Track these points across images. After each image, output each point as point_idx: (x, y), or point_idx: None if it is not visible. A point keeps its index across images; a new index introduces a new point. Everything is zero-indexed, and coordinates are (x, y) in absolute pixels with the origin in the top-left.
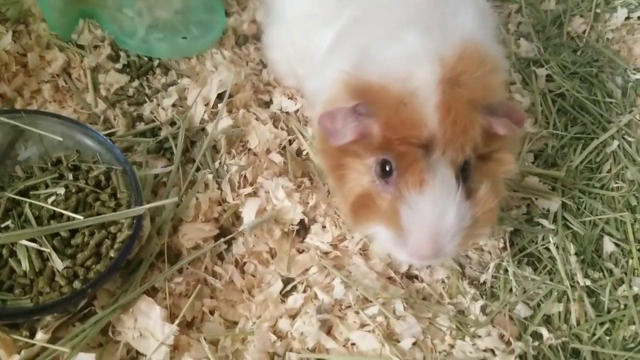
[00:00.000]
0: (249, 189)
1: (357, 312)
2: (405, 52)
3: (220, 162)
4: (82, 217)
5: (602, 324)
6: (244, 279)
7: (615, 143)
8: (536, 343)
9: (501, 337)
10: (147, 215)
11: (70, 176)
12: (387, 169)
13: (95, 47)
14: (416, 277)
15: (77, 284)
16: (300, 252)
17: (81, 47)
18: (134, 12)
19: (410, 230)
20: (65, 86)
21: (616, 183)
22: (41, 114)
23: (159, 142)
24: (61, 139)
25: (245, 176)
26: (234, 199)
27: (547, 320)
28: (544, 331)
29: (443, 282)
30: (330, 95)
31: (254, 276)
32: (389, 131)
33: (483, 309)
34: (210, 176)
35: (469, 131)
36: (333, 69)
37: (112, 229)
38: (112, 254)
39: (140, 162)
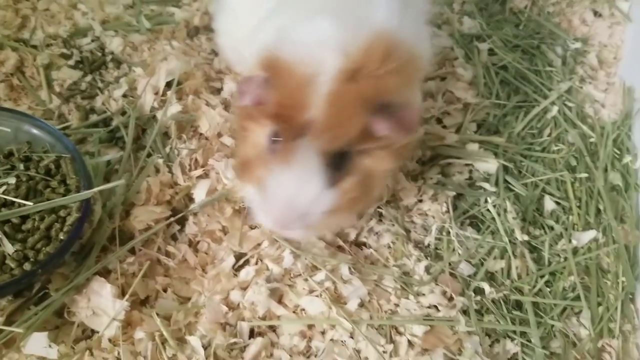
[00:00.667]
0: (199, 171)
1: (305, 280)
2: (316, 38)
3: (171, 147)
4: (31, 204)
5: (542, 277)
6: (197, 257)
7: (555, 109)
8: (478, 298)
9: (444, 294)
10: (99, 200)
11: (22, 166)
12: (275, 140)
13: (48, 45)
14: (364, 244)
15: (27, 266)
16: (252, 228)
17: (34, 46)
18: None
19: (269, 198)
20: (19, 84)
21: (556, 146)
22: None
23: (110, 131)
24: (9, 130)
25: (196, 159)
26: (185, 182)
27: (490, 277)
28: (485, 286)
29: (389, 246)
30: (251, 66)
31: (207, 254)
32: (278, 106)
33: (427, 269)
34: (161, 160)
35: (346, 126)
36: (258, 44)
37: (62, 212)
38: (61, 236)
39: (93, 152)
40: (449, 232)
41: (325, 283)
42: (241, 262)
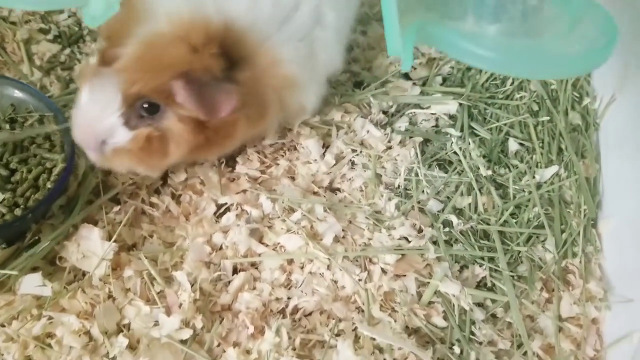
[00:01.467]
0: None
1: (283, 220)
2: None
3: None
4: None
5: (507, 210)
6: (180, 208)
7: None
8: (447, 229)
9: (414, 226)
10: (82, 155)
11: (7, 127)
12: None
13: (27, 22)
14: (338, 189)
15: (17, 211)
16: (231, 180)
17: (13, 23)
18: None
19: (75, 112)
20: (1, 60)
21: (519, 94)
22: None
23: None
24: None
25: None
26: None
27: (459, 213)
28: (453, 218)
29: (361, 190)
30: None
31: (189, 204)
32: (113, 22)
33: (397, 206)
34: None
35: (147, 75)
36: None
37: (48, 164)
38: (49, 185)
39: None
40: (417, 174)
41: (302, 222)
42: (222, 210)
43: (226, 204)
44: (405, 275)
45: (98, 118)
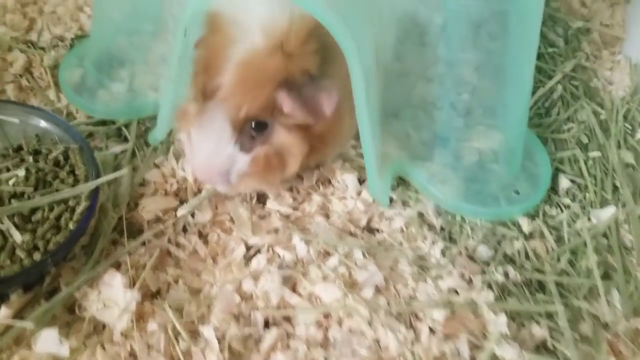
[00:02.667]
0: None
1: (318, 266)
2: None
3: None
4: (39, 195)
5: (563, 256)
6: (207, 248)
7: (560, 88)
8: (499, 279)
9: (462, 276)
10: (106, 191)
11: (31, 159)
12: (205, 90)
13: (55, 46)
14: (376, 229)
15: (37, 256)
16: (262, 218)
17: (42, 48)
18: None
19: (192, 152)
20: (28, 85)
21: (566, 125)
22: (2, 102)
23: (118, 128)
24: (17, 121)
25: None
26: (193, 174)
27: (510, 260)
28: (508, 268)
29: (402, 231)
30: None
31: (217, 244)
32: (206, 53)
33: (443, 252)
34: (171, 153)
35: (250, 95)
36: None
37: (71, 202)
38: (71, 225)
39: (101, 147)
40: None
41: (339, 269)
42: (252, 251)
43: (257, 244)
44: (456, 336)
45: (216, 152)
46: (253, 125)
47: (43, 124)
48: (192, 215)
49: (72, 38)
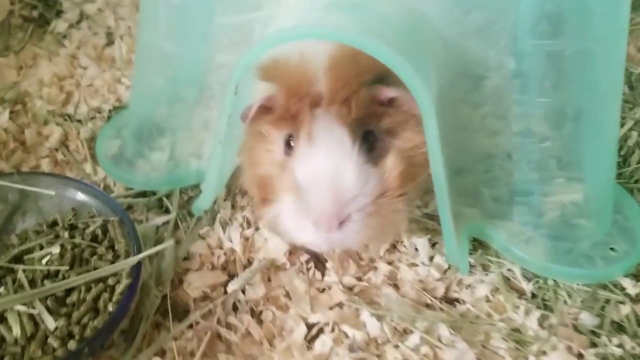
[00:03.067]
0: (251, 230)
1: (396, 346)
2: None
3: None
4: (75, 274)
5: None
6: (262, 328)
7: (635, 134)
8: (616, 351)
9: (569, 350)
10: (148, 266)
11: (66, 234)
12: (291, 142)
13: (92, 118)
14: (456, 300)
15: (72, 344)
16: (321, 291)
17: (79, 121)
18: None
19: (306, 187)
20: (64, 159)
21: None
22: (36, 174)
23: (158, 199)
24: (53, 193)
25: (247, 218)
26: (238, 243)
27: (618, 328)
28: (623, 339)
29: (488, 300)
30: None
31: (273, 324)
32: (287, 95)
33: (540, 322)
34: (217, 222)
35: (353, 88)
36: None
37: (110, 281)
38: (110, 307)
39: (141, 219)
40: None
41: (421, 348)
42: (314, 331)
43: (319, 322)
44: None
45: (341, 170)
46: (363, 136)
47: (80, 196)
48: (243, 291)
49: (109, 110)
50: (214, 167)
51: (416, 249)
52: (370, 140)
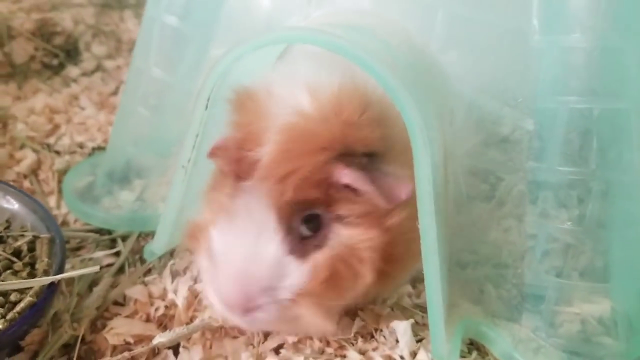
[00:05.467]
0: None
1: None
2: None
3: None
4: None
5: None
6: None
7: None
8: None
9: None
10: (67, 297)
11: None
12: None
13: (72, 152)
14: None
15: None
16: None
17: (57, 152)
18: None
19: (217, 262)
20: (29, 187)
21: None
22: None
23: (113, 239)
24: None
25: None
26: (184, 297)
27: None
28: None
29: None
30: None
31: None
32: (235, 143)
33: None
34: (167, 271)
35: (301, 166)
36: None
37: (13, 297)
38: (0, 324)
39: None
40: None
41: None
42: None
43: None
44: None
45: (258, 256)
46: (303, 220)
47: (18, 208)
48: (176, 352)
49: (93, 147)
50: (172, 199)
51: (397, 341)
52: (314, 225)
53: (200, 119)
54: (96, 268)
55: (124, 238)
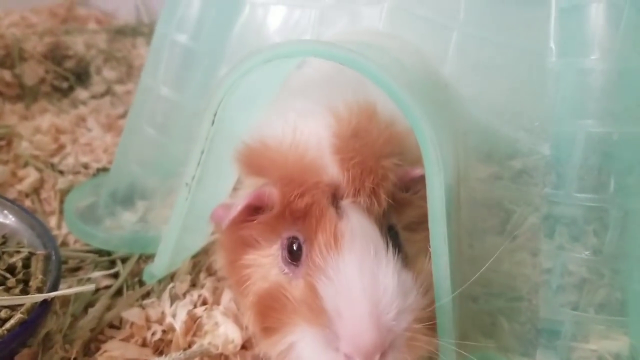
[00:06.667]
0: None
1: None
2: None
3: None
4: None
5: None
6: None
7: None
8: None
9: None
10: (60, 318)
11: None
12: (295, 247)
13: (76, 173)
14: None
15: None
16: None
17: (60, 172)
18: None
19: (336, 309)
20: (31, 206)
21: None
22: None
23: (112, 260)
24: None
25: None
26: (182, 322)
27: None
28: None
29: None
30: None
31: None
32: (287, 187)
33: None
34: (166, 294)
35: (377, 172)
36: None
37: (3, 313)
38: None
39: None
40: None
41: None
42: None
43: None
44: None
45: (384, 285)
46: (388, 233)
47: (15, 223)
48: None
49: (98, 168)
50: (175, 218)
51: None
52: (392, 239)
53: (207, 134)
54: (92, 287)
55: (124, 260)
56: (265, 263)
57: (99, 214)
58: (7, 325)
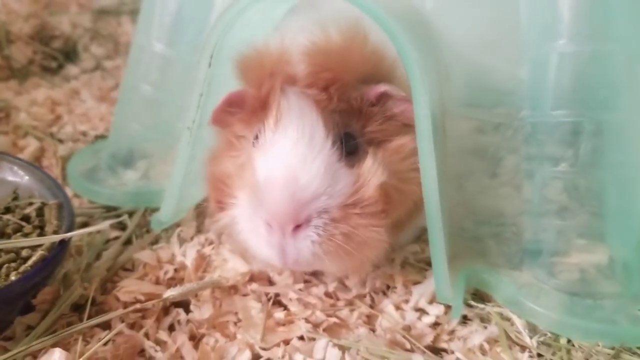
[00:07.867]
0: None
1: None
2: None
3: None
4: None
5: None
6: (197, 352)
7: None
8: None
9: None
10: (77, 260)
11: None
12: (259, 134)
13: (75, 140)
14: (444, 350)
15: None
16: (282, 325)
17: (60, 140)
18: None
19: (262, 180)
20: None
21: None
22: None
23: (118, 214)
24: None
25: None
26: (193, 259)
27: None
28: None
29: (483, 350)
30: None
31: (212, 349)
32: (258, 78)
33: None
34: (175, 237)
35: (337, 75)
36: None
37: (24, 253)
38: (12, 277)
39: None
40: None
41: None
42: None
43: (269, 354)
44: None
45: (307, 161)
46: (343, 138)
47: (24, 178)
48: (187, 310)
49: (95, 135)
50: (179, 163)
51: (410, 294)
52: (349, 145)
53: (204, 77)
54: (107, 224)
55: (131, 214)
56: (238, 155)
57: (102, 175)
58: (30, 262)
